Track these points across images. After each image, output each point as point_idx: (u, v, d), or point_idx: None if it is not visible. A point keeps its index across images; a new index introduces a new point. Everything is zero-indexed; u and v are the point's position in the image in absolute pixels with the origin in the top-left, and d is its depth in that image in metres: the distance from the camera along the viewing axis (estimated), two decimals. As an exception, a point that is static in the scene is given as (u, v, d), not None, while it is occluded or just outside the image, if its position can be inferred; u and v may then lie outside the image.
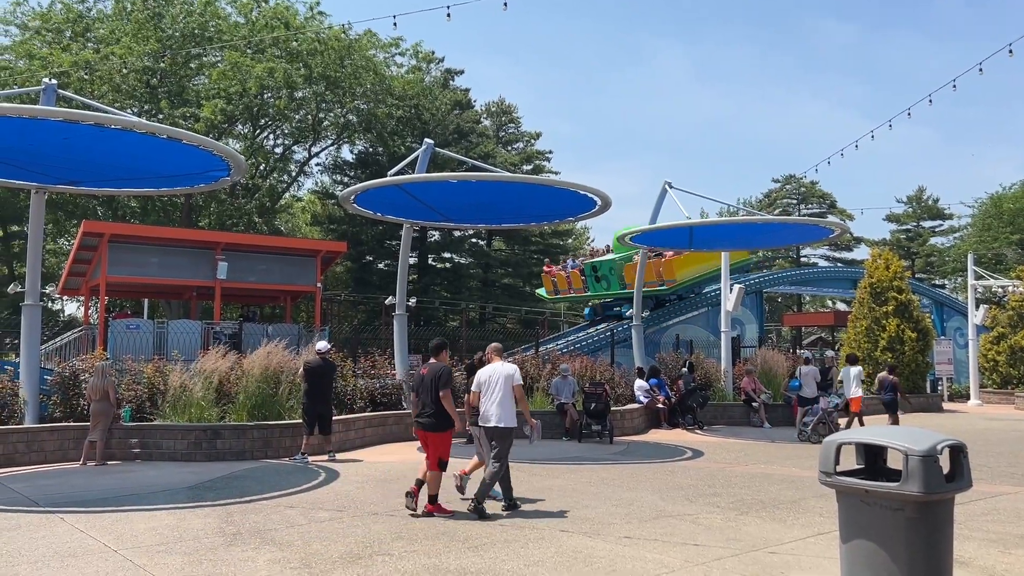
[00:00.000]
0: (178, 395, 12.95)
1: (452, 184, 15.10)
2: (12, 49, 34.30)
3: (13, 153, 12.13)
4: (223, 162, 12.31)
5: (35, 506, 8.59)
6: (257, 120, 37.56)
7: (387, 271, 44.80)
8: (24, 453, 11.83)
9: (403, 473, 11.24)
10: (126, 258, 24.11)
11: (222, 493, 9.48)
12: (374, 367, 16.65)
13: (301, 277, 27.81)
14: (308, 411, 12.60)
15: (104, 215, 35.33)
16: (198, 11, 34.67)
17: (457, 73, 48.30)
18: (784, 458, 13.43)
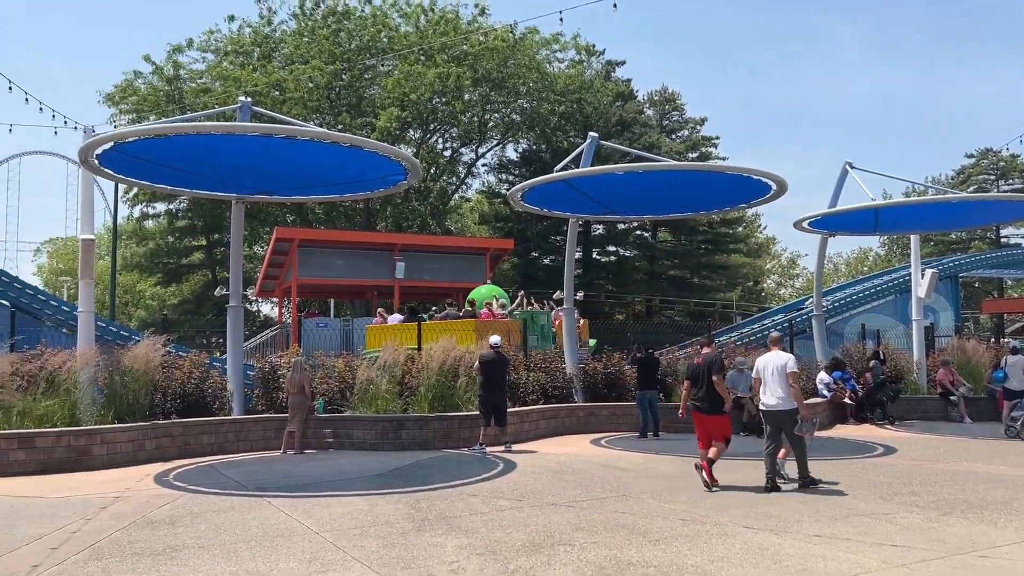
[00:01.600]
0: (365, 388, 13.73)
1: (618, 176, 15.01)
2: (208, 73, 37.62)
3: (215, 168, 13.32)
4: (400, 166, 12.91)
5: (245, 490, 9.38)
6: (427, 125, 39.04)
7: (552, 266, 45.20)
8: (233, 442, 12.98)
9: (577, 465, 11.33)
10: (314, 261, 25.89)
11: (409, 481, 9.95)
12: (545, 361, 16.87)
13: (471, 274, 28.70)
14: (484, 403, 12.99)
15: (293, 222, 37.97)
16: (371, 23, 36.52)
17: (618, 64, 47.93)
18: (990, 455, 12.32)
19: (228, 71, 35.77)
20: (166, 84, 36.73)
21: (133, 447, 11.62)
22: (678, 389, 16.71)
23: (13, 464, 10.55)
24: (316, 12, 37.59)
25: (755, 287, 57.70)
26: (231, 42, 38.14)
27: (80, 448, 11.02)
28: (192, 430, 12.55)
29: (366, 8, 37.66)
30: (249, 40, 38.04)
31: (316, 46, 35.66)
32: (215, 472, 10.86)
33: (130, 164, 12.93)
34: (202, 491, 9.31)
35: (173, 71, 37.18)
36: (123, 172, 13.45)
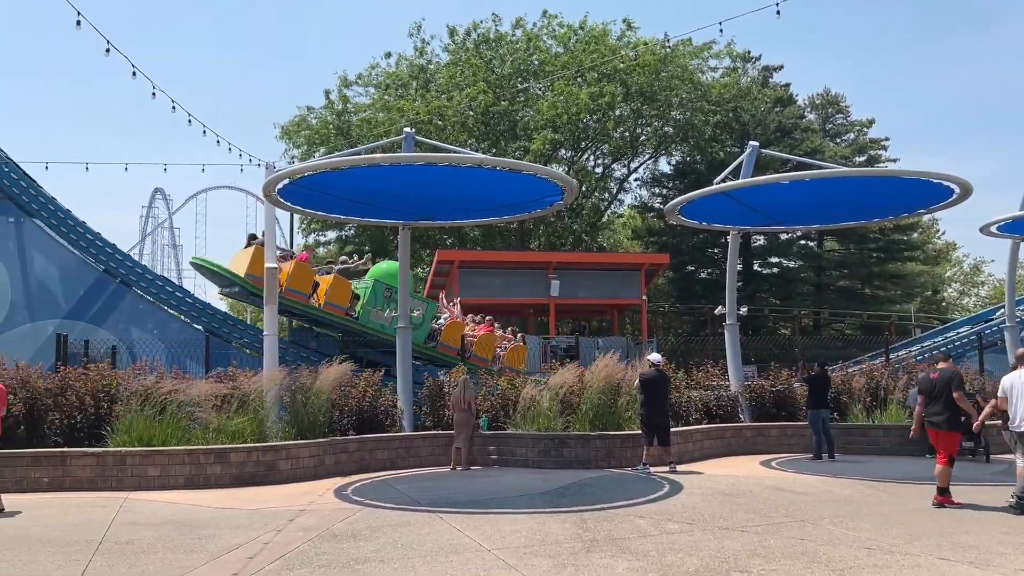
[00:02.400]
0: (527, 406, 13.91)
1: (783, 185, 14.44)
2: (372, 106, 39.74)
3: (383, 196, 14.00)
4: (557, 187, 13.06)
5: (418, 505, 9.72)
6: (578, 143, 39.31)
7: (710, 280, 44.11)
8: (404, 457, 13.50)
9: (748, 487, 10.93)
10: (473, 281, 26.64)
11: (575, 500, 9.96)
12: (708, 378, 16.45)
13: (626, 290, 28.54)
14: (646, 422, 12.81)
15: (451, 244, 39.24)
16: (523, 48, 37.33)
17: (775, 69, 46.33)
18: None
19: (390, 103, 37.62)
20: (335, 118, 39.12)
21: (314, 462, 12.33)
22: (854, 408, 15.82)
23: (211, 477, 11.47)
24: (468, 40, 38.83)
25: (934, 297, 53.70)
26: (389, 76, 40.12)
27: (268, 463, 11.83)
28: (367, 446, 13.18)
29: (517, 32, 38.52)
30: (406, 73, 39.87)
31: (470, 74, 36.83)
32: (389, 487, 11.32)
33: (306, 196, 13.84)
34: (379, 506, 9.73)
35: (342, 105, 39.54)
36: (301, 203, 14.41)
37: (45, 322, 19.17)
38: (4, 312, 19.26)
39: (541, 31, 38.63)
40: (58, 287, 19.57)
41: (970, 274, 66.36)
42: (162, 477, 11.30)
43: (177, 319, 20.03)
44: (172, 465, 11.37)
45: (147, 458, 11.32)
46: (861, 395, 15.96)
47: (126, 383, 12.21)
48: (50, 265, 19.68)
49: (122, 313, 19.78)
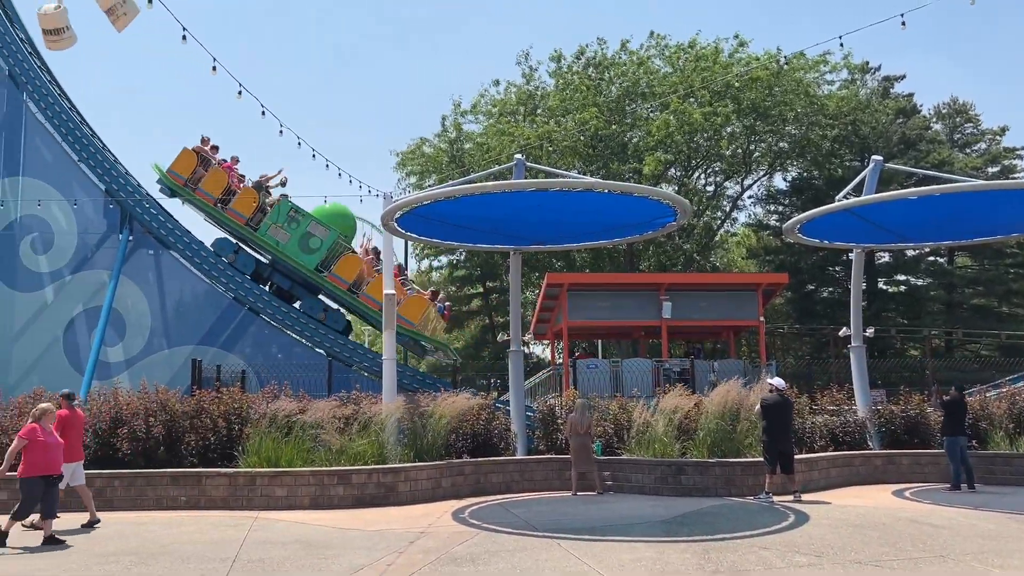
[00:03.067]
0: (642, 431, 13.70)
1: (909, 201, 13.75)
2: (483, 133, 40.49)
3: (495, 222, 14.21)
4: (670, 208, 12.89)
5: (534, 530, 9.71)
6: (688, 162, 38.75)
7: (831, 299, 42.32)
8: (518, 481, 13.54)
9: (880, 519, 10.37)
10: (583, 304, 26.48)
11: (694, 529, 9.71)
12: (833, 403, 15.75)
13: (742, 311, 27.63)
14: (769, 449, 12.37)
15: (560, 266, 39.31)
16: (632, 70, 37.26)
17: (897, 79, 44.29)
18: None
19: (500, 129, 38.24)
20: (448, 146, 40.09)
21: (431, 484, 12.54)
22: (995, 435, 14.80)
23: (333, 498, 11.84)
24: (576, 65, 39.06)
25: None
26: (498, 103, 40.82)
27: (388, 484, 12.12)
28: (482, 469, 13.30)
29: (623, 55, 38.46)
30: (515, 99, 40.44)
31: (579, 98, 36.99)
32: (505, 511, 11.37)
33: (422, 223, 14.20)
34: (496, 529, 9.78)
35: (455, 133, 40.50)
36: (417, 231, 14.79)
37: (181, 348, 20.38)
38: (145, 338, 20.60)
39: (649, 51, 38.45)
40: (192, 314, 20.82)
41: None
42: (289, 497, 11.76)
43: (300, 343, 20.87)
44: (298, 486, 11.82)
45: (275, 479, 11.82)
46: (1002, 421, 14.91)
47: (256, 406, 12.80)
48: (185, 294, 20.97)
49: (250, 338, 20.79)
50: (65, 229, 20.79)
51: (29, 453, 9.15)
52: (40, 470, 9.12)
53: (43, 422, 9.42)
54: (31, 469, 9.10)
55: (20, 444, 9.19)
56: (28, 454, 9.15)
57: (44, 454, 9.20)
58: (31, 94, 20.86)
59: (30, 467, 9.10)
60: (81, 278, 20.64)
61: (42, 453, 9.19)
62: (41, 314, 20.51)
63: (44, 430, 9.36)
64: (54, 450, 9.37)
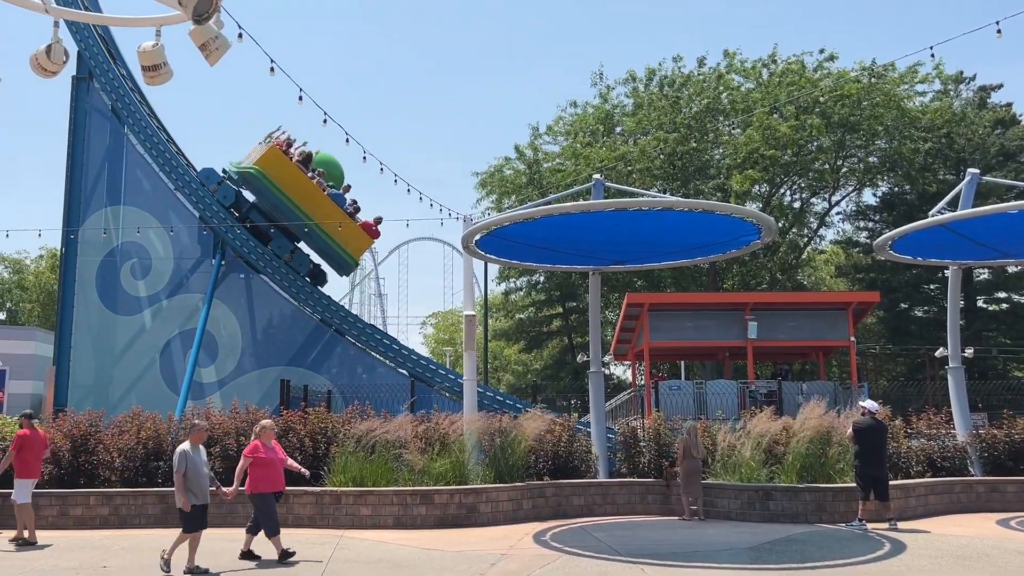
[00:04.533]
0: (727, 455, 13.37)
1: (1010, 215, 13.10)
2: (560, 155, 40.61)
3: (574, 243, 14.20)
4: (754, 226, 12.64)
5: (617, 555, 9.57)
6: (773, 178, 37.91)
7: (926, 318, 40.58)
8: (600, 504, 13.38)
9: (984, 550, 9.82)
10: (664, 324, 26.11)
11: (782, 557, 9.40)
12: (930, 427, 15.04)
13: (831, 331, 26.75)
14: (862, 474, 11.90)
15: (641, 286, 38.91)
16: (712, 86, 36.80)
17: (994, 88, 42.35)
18: None
19: (577, 150, 38.27)
20: (527, 167, 40.35)
21: (512, 506, 12.52)
22: (1110, 463, 13.86)
23: (416, 518, 11.95)
24: (651, 84, 38.81)
25: None
26: (576, 123, 40.89)
27: (469, 505, 12.16)
28: (563, 491, 13.21)
29: (700, 71, 38.02)
30: (592, 119, 40.44)
31: (655, 117, 36.74)
32: (587, 535, 11.25)
33: (500, 245, 14.31)
34: (578, 553, 9.69)
35: (532, 154, 40.76)
36: (496, 252, 14.91)
37: (270, 368, 21.02)
38: (236, 359, 21.32)
39: (728, 68, 37.93)
40: (281, 336, 21.46)
41: None
42: (373, 516, 11.92)
43: (383, 364, 21.24)
44: (382, 505, 11.97)
45: (360, 498, 12.00)
46: None
47: (342, 426, 13.04)
48: (274, 316, 21.64)
49: (335, 359, 21.28)
50: (162, 255, 21.77)
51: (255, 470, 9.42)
52: (268, 487, 9.45)
53: (263, 439, 9.67)
54: (259, 485, 9.41)
55: (245, 463, 9.46)
56: (254, 471, 9.42)
57: (267, 470, 9.46)
58: (131, 127, 22.00)
59: (257, 483, 9.41)
60: (177, 302, 21.54)
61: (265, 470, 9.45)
62: (140, 337, 21.47)
63: (265, 447, 9.60)
64: (276, 466, 9.62)
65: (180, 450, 9.00)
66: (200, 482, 8.92)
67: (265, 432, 9.70)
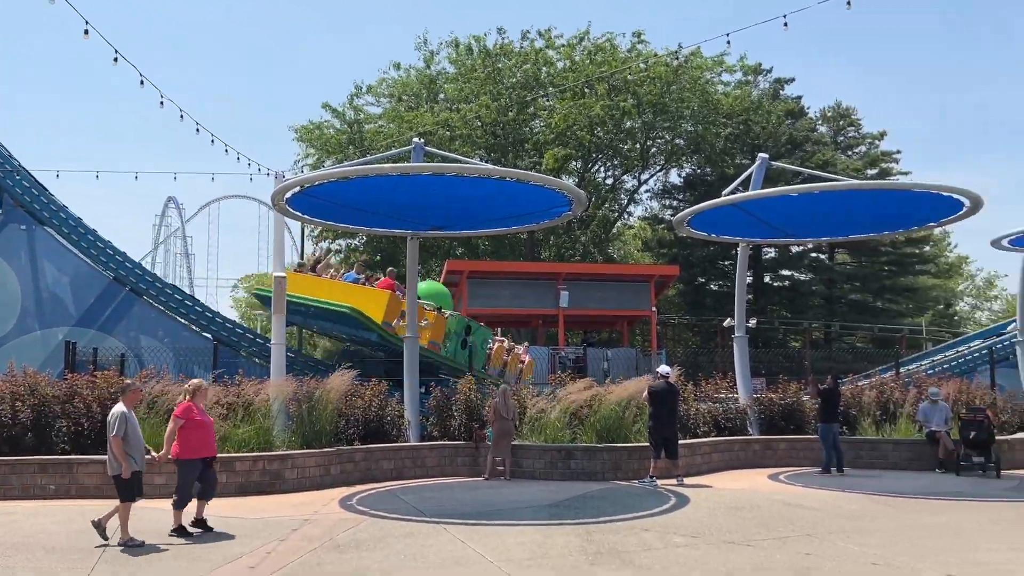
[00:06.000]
0: (535, 417, 13.87)
1: (793, 197, 14.39)
2: (383, 116, 39.93)
3: (392, 206, 14.03)
4: (565, 198, 13.05)
5: (423, 516, 9.68)
6: (588, 155, 39.34)
7: (720, 292, 43.94)
8: (410, 468, 13.45)
9: (755, 501, 10.84)
10: (482, 291, 26.63)
11: (580, 512, 9.90)
12: (717, 391, 16.36)
13: (636, 302, 28.43)
14: (654, 434, 12.74)
15: (462, 254, 39.26)
16: (531, 60, 37.45)
17: (787, 82, 46.22)
18: None
19: (400, 113, 37.79)
20: (347, 127, 39.32)
21: (320, 472, 12.31)
22: (863, 421, 15.71)
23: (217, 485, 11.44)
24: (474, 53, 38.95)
25: (947, 311, 53.29)
26: (399, 85, 40.31)
27: (274, 472, 11.81)
28: (373, 456, 13.14)
29: (523, 44, 38.62)
30: (416, 83, 40.04)
31: (477, 86, 36.94)
32: (395, 497, 11.29)
33: (316, 205, 13.89)
34: (384, 516, 9.70)
35: (353, 115, 39.74)
36: (310, 213, 14.45)
37: (55, 329, 19.29)
38: (14, 319, 19.38)
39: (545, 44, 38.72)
40: (68, 295, 19.69)
41: (983, 288, 65.93)
42: (168, 485, 11.26)
43: (187, 327, 20.10)
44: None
45: (152, 466, 11.31)
46: (871, 409, 15.84)
47: (133, 390, 12.19)
48: (61, 273, 19.80)
49: (132, 321, 19.87)
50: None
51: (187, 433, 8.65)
52: (199, 452, 8.73)
53: (196, 399, 8.91)
54: (189, 451, 8.67)
55: (176, 425, 8.67)
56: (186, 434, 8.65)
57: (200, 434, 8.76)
58: None
59: (187, 448, 8.67)
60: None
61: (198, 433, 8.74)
62: None
63: (199, 408, 8.88)
64: (209, 430, 8.94)
65: (118, 412, 8.21)
66: (140, 446, 8.29)
67: (199, 392, 9.06)
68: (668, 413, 12.81)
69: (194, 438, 8.71)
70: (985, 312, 64.55)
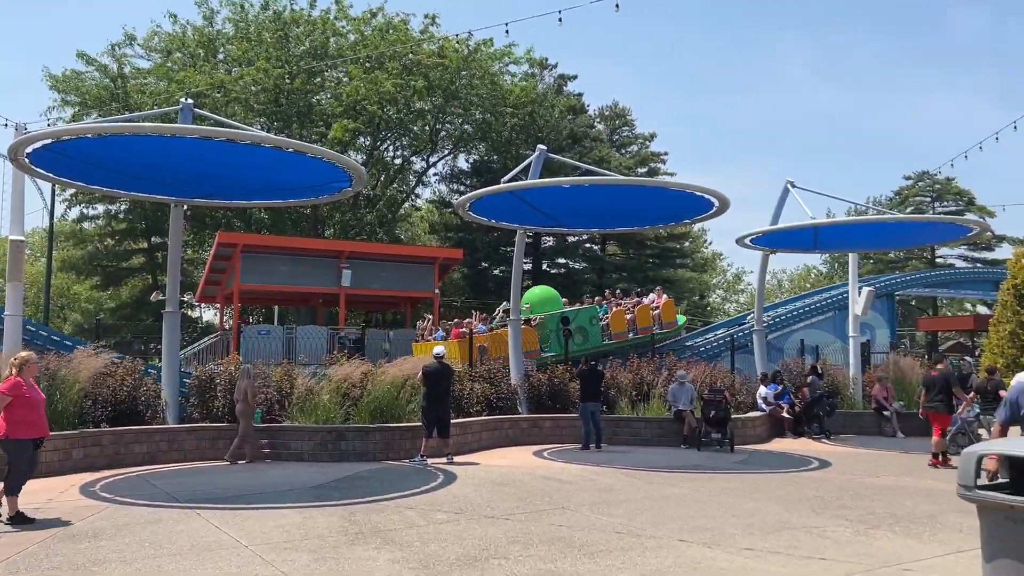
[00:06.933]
0: (305, 398, 13.50)
1: (565, 189, 15.09)
2: (153, 72, 36.85)
3: (154, 169, 12.99)
4: (345, 173, 12.77)
5: (175, 502, 9.12)
6: (378, 132, 38.82)
7: (502, 277, 45.23)
8: (166, 451, 12.61)
9: (518, 477, 11.30)
10: (258, 267, 25.43)
11: (346, 493, 9.80)
12: (490, 372, 16.82)
13: (420, 284, 28.51)
14: (427, 414, 12.88)
15: (241, 227, 37.32)
16: (319, 30, 36.20)
17: (570, 78, 48.28)
18: (918, 470, 12.65)
19: (172, 72, 35.07)
20: (110, 81, 35.87)
21: (59, 456, 11.21)
22: (621, 401, 16.86)
23: None
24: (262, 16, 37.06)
25: (701, 301, 58.50)
26: (173, 40, 37.42)
27: (2, 457, 10.58)
28: (123, 439, 12.17)
29: (314, 11, 37.29)
30: (193, 41, 37.37)
31: (262, 50, 35.18)
32: (145, 483, 10.54)
33: (65, 163, 12.55)
34: (130, 503, 9.02)
35: (118, 68, 36.32)
36: (57, 171, 13.05)
37: None
38: None
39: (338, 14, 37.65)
40: None
41: (733, 282, 73.32)
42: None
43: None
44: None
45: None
46: (628, 389, 17.03)
47: None
48: None
49: None
50: None
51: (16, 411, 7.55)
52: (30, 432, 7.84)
53: (25, 374, 7.74)
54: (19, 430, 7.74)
55: (3, 401, 7.48)
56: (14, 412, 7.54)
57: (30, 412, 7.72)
58: None
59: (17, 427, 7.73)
60: None
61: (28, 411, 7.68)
62: None
63: (28, 384, 7.72)
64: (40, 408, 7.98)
65: None
66: None
67: (28, 366, 7.88)
68: (442, 393, 12.99)
69: (25, 416, 7.82)
70: (733, 304, 71.86)
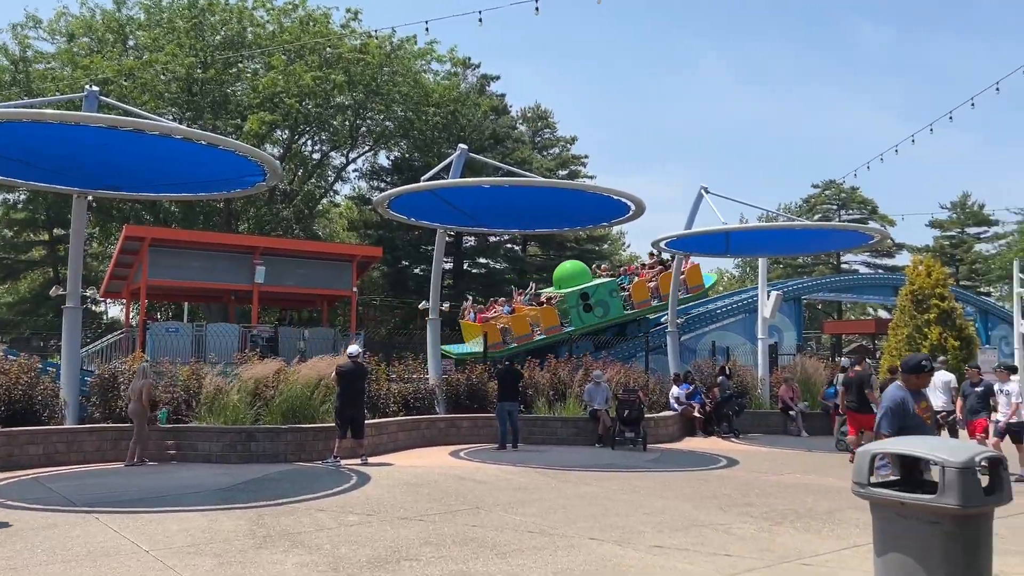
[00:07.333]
0: (213, 397, 13.12)
1: (485, 189, 15.12)
2: (58, 57, 35.17)
3: (56, 159, 12.42)
4: (259, 167, 12.47)
5: (72, 506, 8.73)
6: (296, 126, 38.04)
7: (422, 276, 45.00)
8: (64, 453, 12.05)
9: (433, 477, 11.24)
10: (166, 262, 24.52)
11: (254, 495, 9.56)
12: (408, 371, 16.70)
13: (337, 281, 28.02)
14: (340, 414, 12.67)
15: (150, 220, 35.99)
16: (236, 19, 35.23)
17: (493, 79, 48.41)
18: (821, 468, 13.18)
19: (78, 57, 33.53)
20: (11, 64, 34.05)
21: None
22: (538, 401, 16.98)
23: None
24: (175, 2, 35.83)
25: (618, 303, 59.37)
26: (80, 24, 35.80)
27: None
28: (17, 440, 11.58)
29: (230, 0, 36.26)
30: (101, 26, 35.83)
31: (175, 37, 34.01)
32: (39, 486, 10.05)
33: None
34: (22, 507, 8.58)
35: (20, 51, 34.52)
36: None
37: None
38: None
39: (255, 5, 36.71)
40: None
41: (649, 284, 74.70)
42: None
43: None
44: None
45: None
46: (545, 389, 17.16)
47: None
48: None
49: None
50: None
51: None
52: None
53: None
54: None
55: None
56: None
57: None
58: None
59: None
60: None
61: None
62: None
63: None
64: None
65: None
66: None
67: None
68: (356, 393, 12.82)
69: None
70: (650, 306, 73.17)
